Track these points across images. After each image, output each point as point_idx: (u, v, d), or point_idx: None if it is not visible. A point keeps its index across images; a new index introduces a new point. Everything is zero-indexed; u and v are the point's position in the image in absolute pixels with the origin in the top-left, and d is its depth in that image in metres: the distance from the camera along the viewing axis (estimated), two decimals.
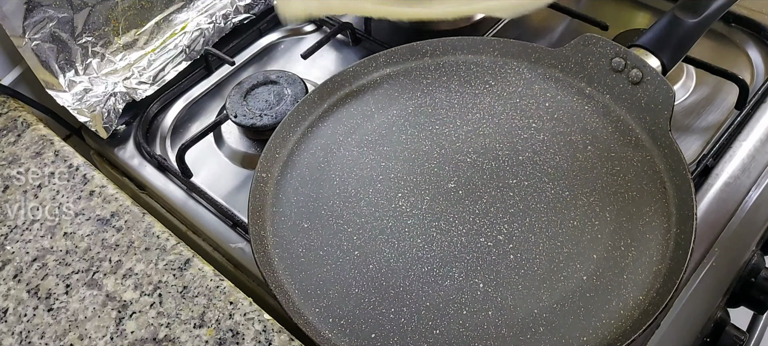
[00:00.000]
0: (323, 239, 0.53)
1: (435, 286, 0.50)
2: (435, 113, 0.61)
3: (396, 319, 0.48)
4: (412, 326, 0.48)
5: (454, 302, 0.49)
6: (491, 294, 0.49)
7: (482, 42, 0.64)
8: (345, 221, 0.54)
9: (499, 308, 0.48)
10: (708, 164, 0.59)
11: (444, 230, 0.53)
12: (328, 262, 0.52)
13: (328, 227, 0.54)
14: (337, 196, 0.56)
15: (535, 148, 0.57)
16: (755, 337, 0.65)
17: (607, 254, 0.49)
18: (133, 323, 0.50)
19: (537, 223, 0.52)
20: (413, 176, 0.56)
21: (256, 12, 0.80)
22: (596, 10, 0.76)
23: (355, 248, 0.53)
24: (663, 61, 0.56)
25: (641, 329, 0.44)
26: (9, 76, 0.71)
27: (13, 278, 0.53)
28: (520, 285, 0.49)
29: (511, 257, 0.50)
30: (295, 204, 0.56)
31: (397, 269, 0.51)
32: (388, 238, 0.53)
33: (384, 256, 0.52)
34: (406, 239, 0.53)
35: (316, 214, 0.55)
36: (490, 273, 0.50)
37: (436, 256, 0.51)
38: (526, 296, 0.48)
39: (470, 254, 0.51)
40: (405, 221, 0.54)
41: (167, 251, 0.54)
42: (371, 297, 0.50)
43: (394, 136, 0.60)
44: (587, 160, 0.56)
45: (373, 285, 0.50)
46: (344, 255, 0.52)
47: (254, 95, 0.68)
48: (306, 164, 0.59)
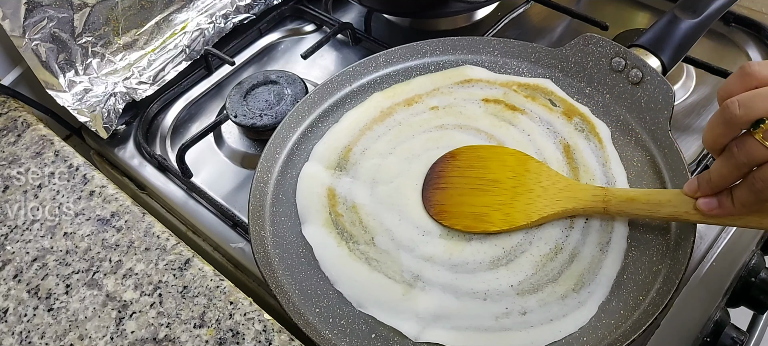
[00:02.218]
0: None
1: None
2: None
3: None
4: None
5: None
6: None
7: (482, 42, 0.64)
8: None
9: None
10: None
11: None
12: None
13: None
14: None
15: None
16: (755, 337, 0.65)
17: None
18: (133, 323, 0.50)
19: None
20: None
21: (256, 12, 0.80)
22: (596, 10, 0.76)
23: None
24: (663, 61, 0.56)
25: (641, 329, 0.44)
26: (9, 76, 0.71)
27: (13, 278, 0.53)
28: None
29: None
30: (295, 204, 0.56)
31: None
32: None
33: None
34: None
35: None
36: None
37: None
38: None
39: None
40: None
41: (167, 251, 0.54)
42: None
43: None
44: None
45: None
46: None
47: (254, 95, 0.68)
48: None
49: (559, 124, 0.58)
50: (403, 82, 0.63)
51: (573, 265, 0.49)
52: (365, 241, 0.52)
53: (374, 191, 0.55)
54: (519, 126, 0.58)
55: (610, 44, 0.58)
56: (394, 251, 0.51)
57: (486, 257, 0.50)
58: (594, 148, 0.56)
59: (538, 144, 0.56)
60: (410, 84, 0.63)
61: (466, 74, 0.62)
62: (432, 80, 0.63)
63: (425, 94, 0.62)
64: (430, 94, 0.62)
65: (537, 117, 0.58)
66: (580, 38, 0.60)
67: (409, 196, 0.54)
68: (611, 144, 0.56)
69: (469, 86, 0.62)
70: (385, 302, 0.49)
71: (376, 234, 0.52)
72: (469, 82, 0.62)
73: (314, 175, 0.57)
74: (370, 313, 0.49)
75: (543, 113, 0.59)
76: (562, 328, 0.46)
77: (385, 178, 0.56)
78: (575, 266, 0.49)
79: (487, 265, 0.50)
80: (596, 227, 0.51)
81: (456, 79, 0.62)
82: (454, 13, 0.77)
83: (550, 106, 0.59)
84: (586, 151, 0.55)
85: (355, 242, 0.52)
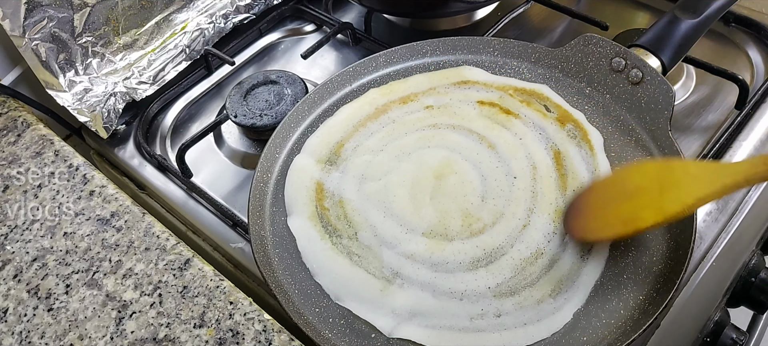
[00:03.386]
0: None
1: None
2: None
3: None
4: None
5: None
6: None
7: (482, 42, 0.64)
8: None
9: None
10: None
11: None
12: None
13: None
14: None
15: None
16: (755, 337, 0.65)
17: (607, 254, 0.49)
18: (133, 323, 0.50)
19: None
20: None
21: (256, 12, 0.80)
22: (596, 10, 0.76)
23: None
24: (663, 61, 0.56)
25: (641, 329, 0.44)
26: (9, 76, 0.71)
27: (13, 278, 0.53)
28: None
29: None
30: None
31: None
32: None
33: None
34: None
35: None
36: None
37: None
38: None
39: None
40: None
41: (167, 251, 0.54)
42: None
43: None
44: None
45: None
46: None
47: (254, 95, 0.68)
48: None
49: (551, 130, 0.57)
50: (401, 79, 0.63)
51: (552, 270, 0.49)
52: (349, 235, 0.53)
53: (362, 187, 0.55)
54: (512, 129, 0.58)
55: (610, 44, 0.58)
56: (377, 246, 0.52)
57: (466, 257, 0.50)
58: (585, 156, 0.55)
59: (529, 148, 0.56)
60: (407, 82, 0.63)
61: (464, 75, 0.62)
62: (429, 79, 0.63)
63: (421, 93, 0.62)
64: (426, 93, 0.62)
65: (530, 122, 0.58)
66: (580, 38, 0.60)
67: (396, 193, 0.54)
68: (603, 152, 0.55)
69: (465, 87, 0.62)
70: (363, 296, 0.49)
71: (359, 229, 0.53)
72: (466, 83, 0.62)
73: (304, 168, 0.57)
74: (347, 306, 0.49)
75: (536, 118, 0.58)
76: (535, 332, 0.46)
77: (375, 175, 0.56)
78: (554, 272, 0.49)
79: (467, 265, 0.50)
80: None
81: (453, 80, 0.62)
82: (454, 13, 0.77)
83: (544, 111, 0.59)
84: (577, 158, 0.55)
85: (338, 236, 0.53)
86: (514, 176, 0.55)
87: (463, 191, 0.54)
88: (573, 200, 0.52)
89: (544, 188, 0.53)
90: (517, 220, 0.52)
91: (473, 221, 0.52)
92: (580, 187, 0.53)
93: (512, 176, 0.55)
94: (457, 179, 0.55)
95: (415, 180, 0.55)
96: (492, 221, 0.52)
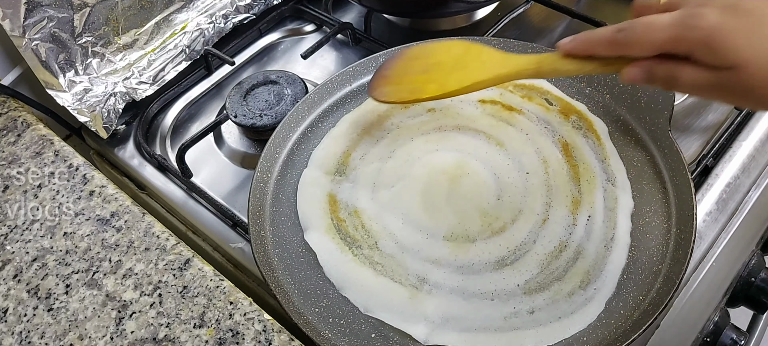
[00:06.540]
0: None
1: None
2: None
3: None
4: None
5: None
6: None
7: (482, 42, 0.64)
8: None
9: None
10: (708, 164, 0.59)
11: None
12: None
13: None
14: None
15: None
16: (755, 337, 0.65)
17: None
18: (133, 323, 0.50)
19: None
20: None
21: (256, 12, 0.80)
22: (596, 10, 0.76)
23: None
24: None
25: (641, 329, 0.44)
26: (9, 76, 0.71)
27: (13, 278, 0.53)
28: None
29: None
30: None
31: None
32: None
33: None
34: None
35: None
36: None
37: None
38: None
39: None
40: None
41: (167, 251, 0.54)
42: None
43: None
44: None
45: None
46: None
47: (254, 95, 0.68)
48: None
49: (556, 123, 0.58)
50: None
51: (578, 262, 0.49)
52: (369, 245, 0.52)
53: (375, 196, 0.55)
54: (517, 126, 0.58)
55: None
56: (399, 254, 0.51)
57: (491, 257, 0.50)
58: (592, 145, 0.56)
59: (537, 143, 0.56)
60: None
61: None
62: None
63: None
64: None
65: (534, 116, 0.58)
66: None
67: (411, 199, 0.54)
68: (609, 140, 0.56)
69: None
70: (392, 305, 0.49)
71: (379, 238, 0.52)
72: None
73: (314, 181, 0.57)
74: (378, 317, 0.48)
75: (540, 112, 0.59)
76: (571, 325, 0.46)
77: (387, 182, 0.56)
78: (580, 263, 0.49)
79: (493, 265, 0.50)
80: (599, 224, 0.51)
81: None
82: (454, 13, 0.77)
83: (546, 105, 0.59)
84: (585, 148, 0.56)
85: (358, 246, 0.52)
86: (526, 171, 0.55)
87: (478, 191, 0.54)
88: (385, 62, 0.56)
89: (558, 182, 0.54)
90: (536, 215, 0.52)
91: (492, 220, 0.52)
92: (592, 177, 0.53)
93: (525, 172, 0.55)
94: (471, 180, 0.55)
95: (428, 184, 0.55)
96: (511, 219, 0.52)
